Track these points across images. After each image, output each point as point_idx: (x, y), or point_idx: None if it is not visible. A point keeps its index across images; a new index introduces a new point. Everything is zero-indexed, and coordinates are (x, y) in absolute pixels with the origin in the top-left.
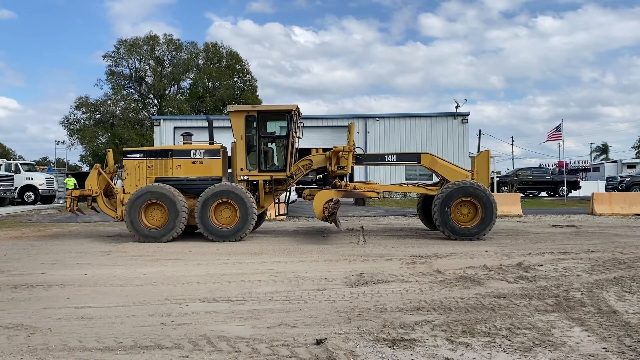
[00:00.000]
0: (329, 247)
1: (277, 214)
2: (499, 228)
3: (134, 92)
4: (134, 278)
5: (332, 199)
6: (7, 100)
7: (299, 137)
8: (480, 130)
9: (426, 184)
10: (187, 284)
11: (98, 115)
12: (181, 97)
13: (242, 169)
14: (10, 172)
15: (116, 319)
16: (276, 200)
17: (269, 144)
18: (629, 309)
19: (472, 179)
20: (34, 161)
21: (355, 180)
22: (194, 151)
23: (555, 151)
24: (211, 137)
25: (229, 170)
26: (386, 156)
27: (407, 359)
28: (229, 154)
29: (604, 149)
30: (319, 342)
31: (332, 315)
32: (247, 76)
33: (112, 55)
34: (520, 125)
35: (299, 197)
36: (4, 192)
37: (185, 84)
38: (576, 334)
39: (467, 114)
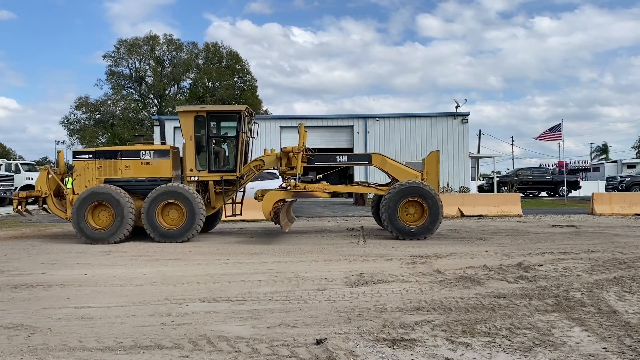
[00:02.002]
0: (329, 247)
1: (226, 214)
2: (499, 228)
3: (134, 92)
4: (134, 278)
5: (282, 200)
6: (7, 101)
7: (253, 138)
8: (480, 130)
9: (377, 184)
10: (187, 284)
11: (98, 115)
12: (181, 97)
13: (191, 170)
14: (10, 172)
15: (116, 319)
16: (228, 201)
17: (223, 144)
18: (629, 309)
19: (422, 179)
20: (34, 161)
21: (355, 180)
22: (144, 152)
23: (555, 151)
24: (163, 137)
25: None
26: (338, 156)
27: (407, 359)
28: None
29: (604, 149)
30: (319, 342)
31: (332, 315)
32: (247, 76)
33: (112, 55)
34: (520, 125)
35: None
36: (4, 192)
37: (186, 84)
38: (576, 334)
39: (467, 114)
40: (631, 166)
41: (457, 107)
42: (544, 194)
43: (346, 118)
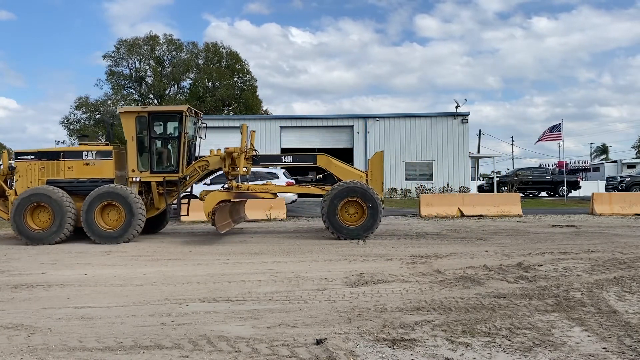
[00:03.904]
0: (329, 247)
1: (169, 215)
2: (499, 228)
3: (134, 92)
4: (134, 278)
5: (224, 200)
6: (7, 101)
7: (201, 138)
8: (480, 130)
9: (323, 185)
10: (187, 284)
11: (98, 115)
12: (181, 97)
13: (133, 170)
14: None
15: (116, 319)
16: (174, 202)
17: (167, 145)
18: (629, 309)
19: (367, 180)
20: None
21: None
22: (86, 152)
23: (555, 151)
24: (108, 137)
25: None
26: (283, 157)
27: (407, 359)
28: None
29: (603, 149)
30: (319, 342)
31: (332, 315)
32: (247, 76)
33: (112, 55)
34: (519, 125)
35: (298, 197)
36: None
37: (186, 84)
38: (576, 334)
39: (467, 113)
40: (631, 166)
41: (457, 107)
42: (544, 194)
43: (346, 118)
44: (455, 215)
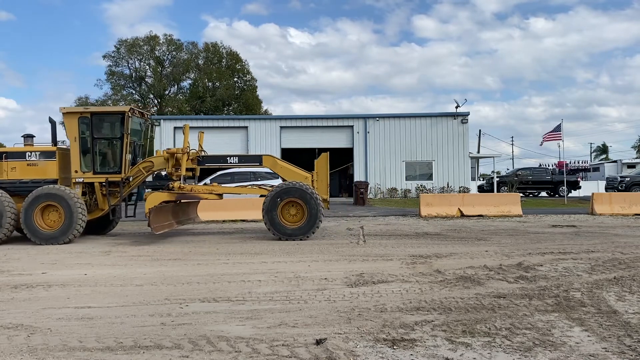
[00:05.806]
0: (329, 247)
1: (112, 216)
2: (499, 228)
3: (134, 92)
4: (134, 278)
5: (167, 201)
6: (6, 101)
7: (152, 137)
8: (480, 130)
9: (270, 186)
10: (187, 284)
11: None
12: (181, 97)
13: (76, 171)
14: None
15: (116, 319)
16: (117, 203)
17: (112, 146)
18: (629, 309)
19: (312, 181)
20: None
21: (355, 180)
22: (29, 153)
23: (554, 151)
24: (54, 138)
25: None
26: (228, 158)
27: (407, 359)
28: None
29: (603, 149)
30: (319, 342)
31: (332, 315)
32: (247, 76)
33: (112, 55)
34: (518, 126)
35: None
36: None
37: (186, 84)
38: (576, 334)
39: (467, 114)
40: (631, 166)
41: (457, 107)
42: (544, 194)
43: (346, 118)
44: (455, 215)
